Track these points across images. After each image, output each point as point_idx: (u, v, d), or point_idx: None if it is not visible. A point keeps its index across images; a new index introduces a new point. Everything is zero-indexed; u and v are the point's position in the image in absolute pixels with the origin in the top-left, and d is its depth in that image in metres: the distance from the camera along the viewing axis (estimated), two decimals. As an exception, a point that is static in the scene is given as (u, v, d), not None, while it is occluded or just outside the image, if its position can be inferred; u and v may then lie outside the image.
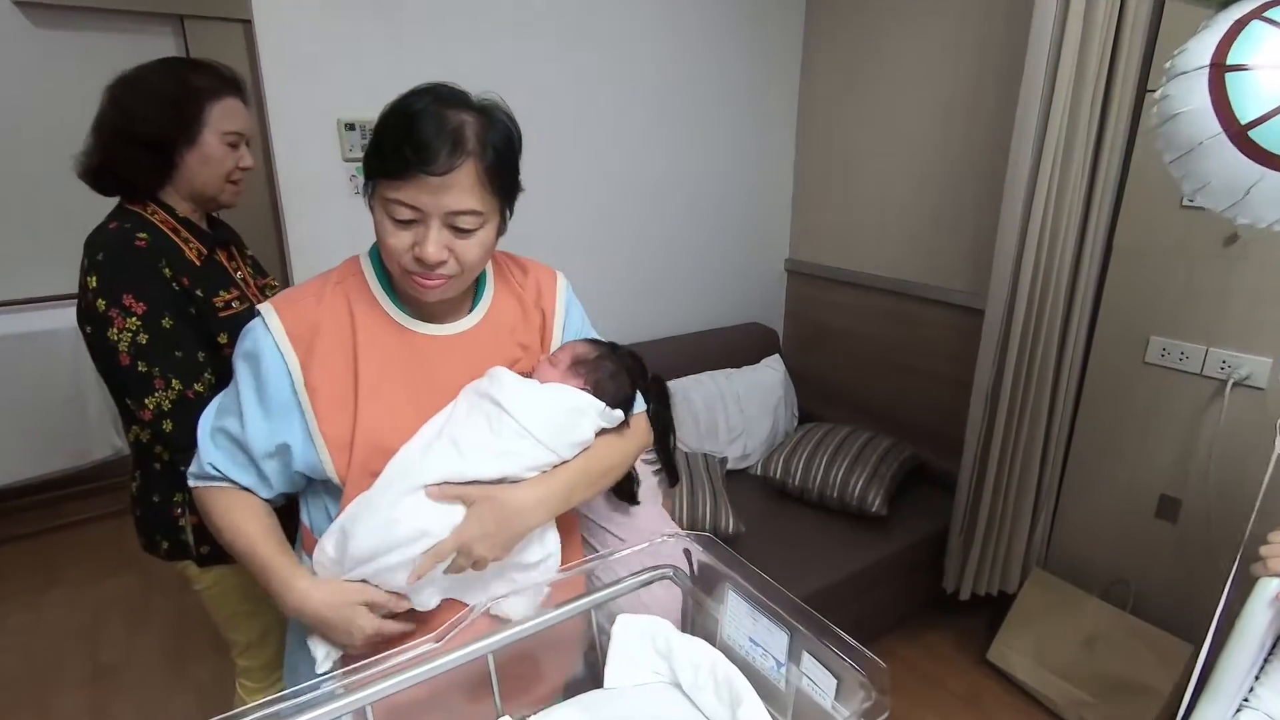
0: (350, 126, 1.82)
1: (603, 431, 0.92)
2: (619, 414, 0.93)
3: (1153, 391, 1.75)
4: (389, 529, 0.80)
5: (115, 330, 1.03)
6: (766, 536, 2.02)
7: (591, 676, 0.89)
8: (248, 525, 0.87)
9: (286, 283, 1.61)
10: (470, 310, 0.93)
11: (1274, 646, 1.05)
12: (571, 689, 0.90)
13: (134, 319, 1.04)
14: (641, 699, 0.84)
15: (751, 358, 2.59)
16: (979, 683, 1.96)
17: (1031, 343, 1.80)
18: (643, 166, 2.38)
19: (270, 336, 0.83)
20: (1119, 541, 1.87)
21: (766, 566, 1.93)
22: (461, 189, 0.79)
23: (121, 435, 2.80)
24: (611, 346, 1.00)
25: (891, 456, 2.16)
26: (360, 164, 1.83)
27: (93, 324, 1.06)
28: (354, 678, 0.72)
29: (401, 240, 0.80)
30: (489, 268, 0.97)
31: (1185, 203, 1.65)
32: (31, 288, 2.55)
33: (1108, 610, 1.84)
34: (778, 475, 2.19)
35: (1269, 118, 0.59)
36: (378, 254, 0.89)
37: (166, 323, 1.05)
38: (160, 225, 1.12)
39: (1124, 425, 1.82)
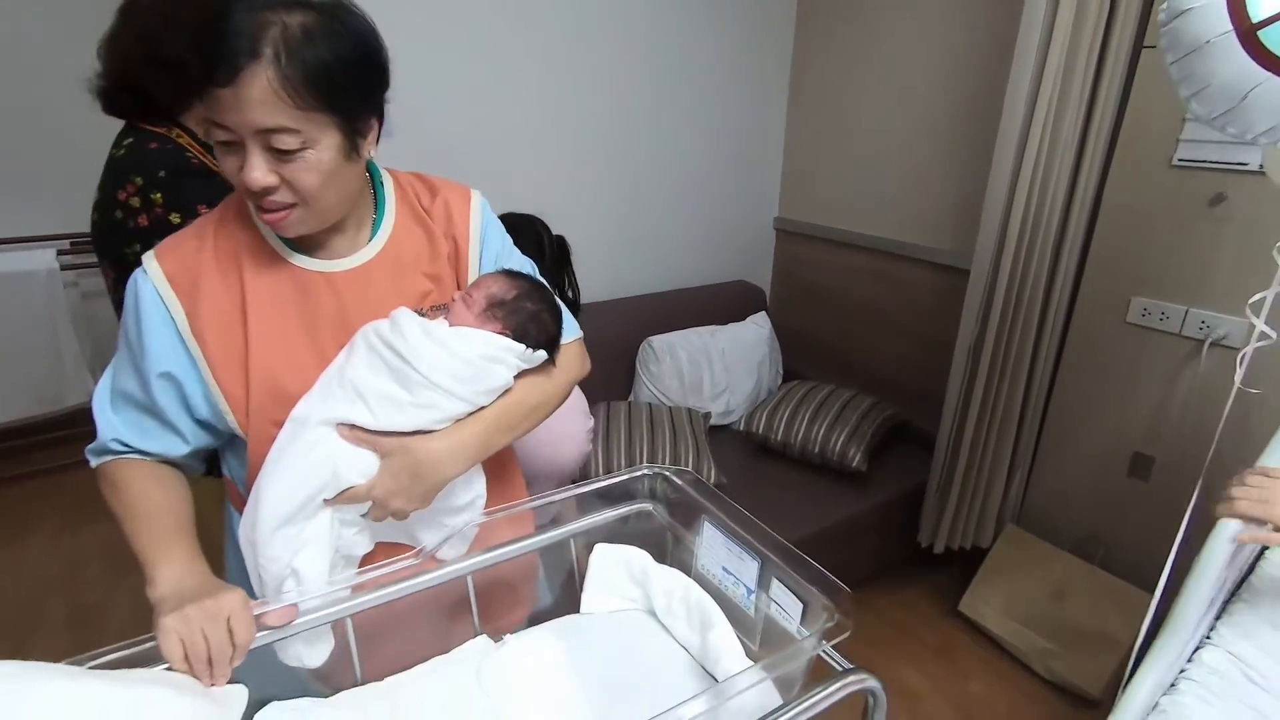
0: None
1: (525, 372, 0.86)
2: (541, 354, 0.86)
3: (1132, 351, 1.76)
4: (297, 476, 0.75)
5: None
6: (746, 489, 2.03)
7: (570, 603, 0.90)
8: (139, 501, 0.78)
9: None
10: (369, 242, 0.85)
11: (1236, 589, 1.08)
12: (545, 616, 0.90)
13: None
14: (615, 624, 0.85)
15: (738, 315, 2.58)
16: (950, 634, 2.01)
17: (1015, 301, 1.81)
18: (633, 122, 2.34)
19: (150, 285, 0.77)
20: (1092, 499, 1.90)
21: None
22: (262, 103, 0.68)
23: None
24: (532, 281, 0.90)
25: (873, 415, 2.18)
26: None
27: (160, 236, 1.01)
28: (334, 588, 0.72)
29: (230, 165, 0.72)
30: (390, 191, 0.88)
31: (1175, 162, 1.64)
32: (3, 228, 2.49)
33: (1077, 565, 1.88)
34: (760, 431, 2.20)
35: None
36: None
37: None
38: (187, 148, 1.09)
39: (1102, 385, 1.84)
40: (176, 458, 0.82)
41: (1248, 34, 0.58)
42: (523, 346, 0.83)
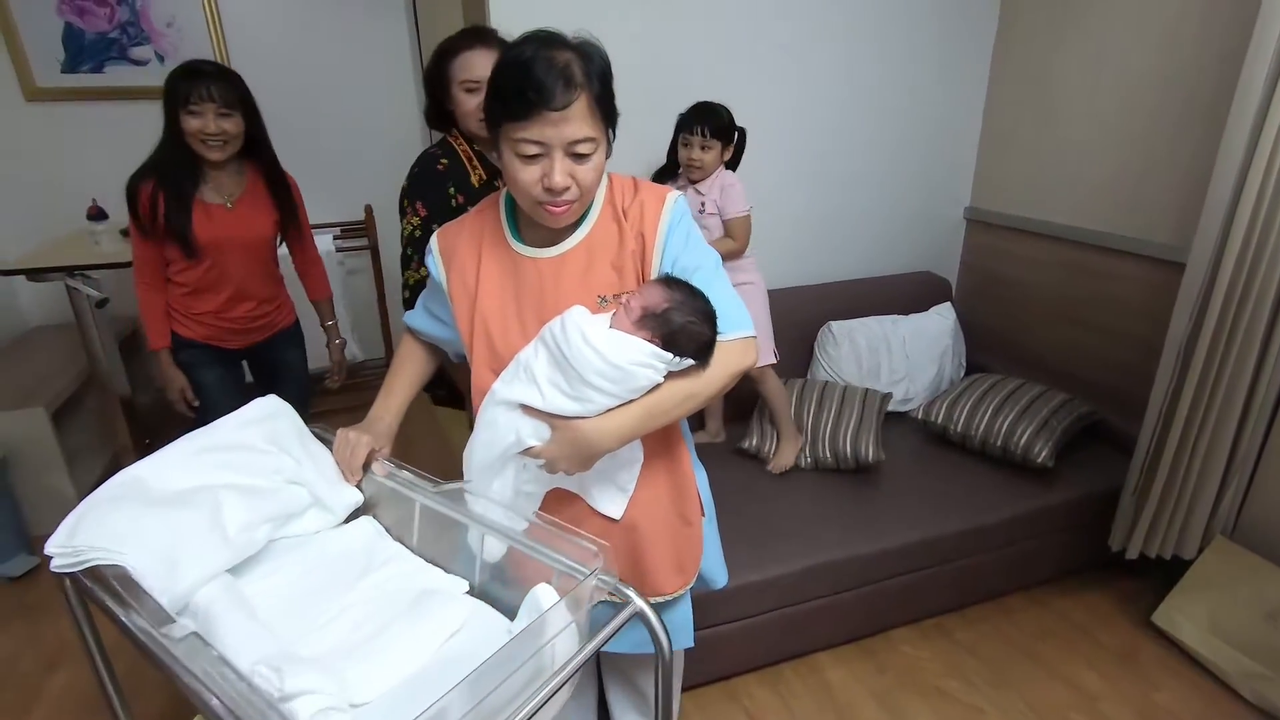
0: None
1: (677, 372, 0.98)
2: (688, 361, 0.97)
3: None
4: (492, 430, 1.00)
5: (404, 222, 1.46)
6: (915, 473, 2.09)
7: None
8: (399, 366, 1.23)
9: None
10: (572, 234, 1.05)
11: None
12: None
13: (417, 218, 1.45)
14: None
15: (922, 305, 2.58)
16: (1137, 642, 1.92)
17: (1240, 300, 1.69)
18: (823, 110, 2.41)
19: (432, 253, 1.12)
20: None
21: (914, 502, 2.03)
22: (578, 119, 0.91)
23: (360, 345, 3.36)
24: (687, 291, 0.99)
25: (1064, 411, 2.12)
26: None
27: (400, 213, 1.49)
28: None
29: (531, 174, 0.93)
30: (602, 190, 1.06)
31: None
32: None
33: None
34: (939, 420, 2.22)
35: None
36: (509, 192, 1.07)
37: (435, 227, 1.35)
38: (459, 151, 1.50)
39: (1346, 393, 1.66)
40: (443, 339, 1.22)
41: None
42: (670, 355, 0.95)
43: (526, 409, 0.97)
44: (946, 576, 1.93)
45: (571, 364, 0.93)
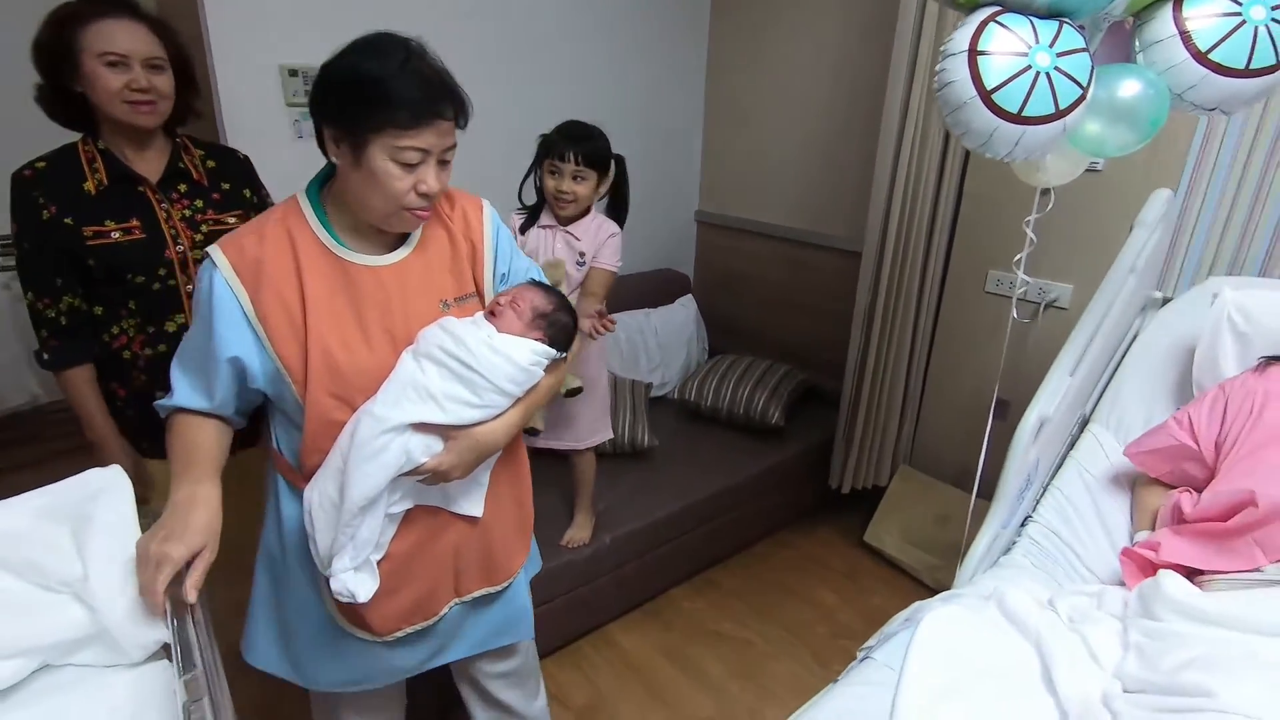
0: (293, 73, 1.92)
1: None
2: (563, 356, 1.09)
3: (990, 315, 2.16)
4: (381, 456, 0.94)
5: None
6: (681, 449, 2.34)
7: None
8: (181, 445, 0.97)
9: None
10: (404, 242, 1.03)
11: (1051, 479, 1.44)
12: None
13: (12, 237, 1.23)
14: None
15: (667, 299, 2.87)
16: (857, 561, 2.37)
17: (899, 278, 2.17)
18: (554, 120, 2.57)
19: (219, 273, 0.94)
20: (965, 438, 2.30)
21: (679, 474, 2.26)
22: (452, 128, 0.95)
23: (40, 383, 2.77)
24: (560, 295, 1.10)
25: (788, 379, 2.52)
26: (306, 109, 1.96)
27: None
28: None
29: (406, 182, 0.92)
30: None
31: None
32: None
33: (956, 494, 2.27)
34: (692, 398, 2.50)
35: (1002, 86, 0.90)
36: (315, 193, 1.01)
37: (26, 245, 1.21)
38: (81, 153, 1.24)
39: (969, 343, 2.23)
40: (224, 415, 1.01)
41: (985, 97, 0.90)
42: (554, 351, 1.05)
43: (421, 427, 0.95)
44: (710, 534, 2.20)
45: (481, 373, 0.97)
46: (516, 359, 1.00)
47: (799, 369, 2.61)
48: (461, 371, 0.96)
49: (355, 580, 0.98)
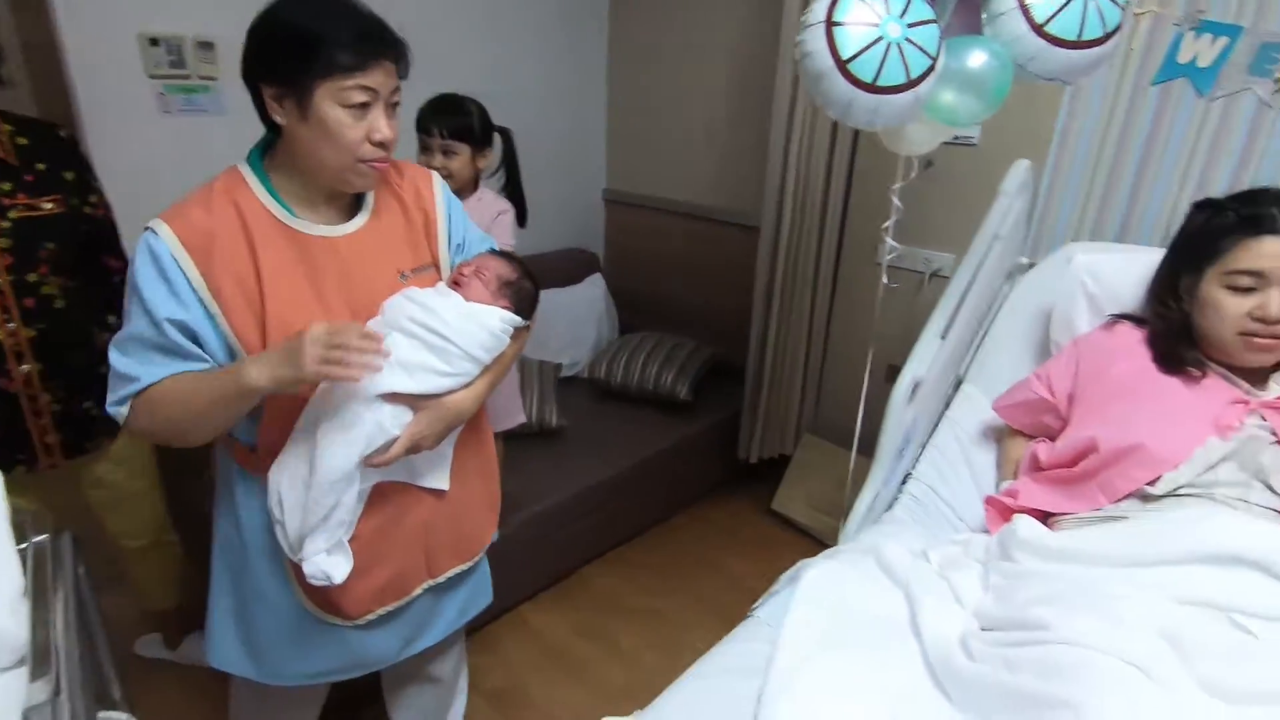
0: (154, 42, 1.78)
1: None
2: (528, 324, 1.10)
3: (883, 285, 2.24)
4: (355, 445, 0.92)
5: None
6: (590, 428, 2.34)
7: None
8: (185, 388, 0.89)
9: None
10: (358, 211, 1.01)
11: (929, 439, 1.52)
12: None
13: None
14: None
15: (575, 278, 2.85)
16: (766, 528, 2.44)
17: (796, 252, 2.23)
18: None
19: (164, 245, 0.87)
20: (864, 405, 2.39)
21: (588, 453, 2.26)
22: (395, 70, 0.92)
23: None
24: (524, 263, 1.11)
25: (696, 355, 2.55)
26: (170, 81, 1.84)
27: None
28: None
29: (358, 131, 0.89)
30: None
31: (900, 135, 2.11)
32: None
33: (859, 459, 2.36)
34: (602, 376, 2.50)
35: (857, 57, 0.93)
36: (258, 162, 0.95)
37: None
38: None
39: (865, 313, 2.31)
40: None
41: (842, 67, 0.94)
42: (520, 319, 1.06)
43: (391, 397, 0.94)
44: (621, 511, 2.22)
45: (454, 342, 0.96)
46: (489, 326, 1.01)
47: (708, 345, 2.64)
48: (434, 341, 0.95)
49: (330, 562, 0.96)
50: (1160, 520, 0.99)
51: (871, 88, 0.94)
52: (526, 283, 1.09)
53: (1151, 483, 1.03)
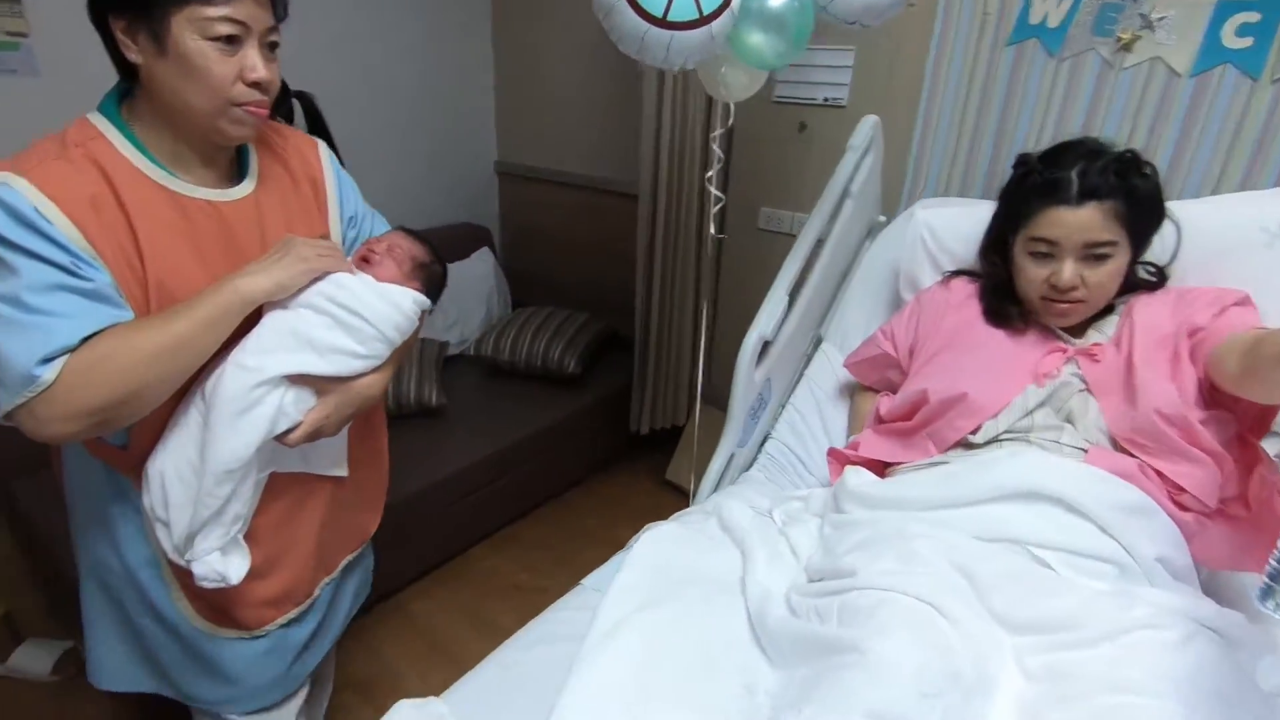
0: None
1: None
2: (432, 307, 1.06)
3: (765, 250, 2.24)
4: (254, 412, 0.84)
5: None
6: (475, 406, 2.27)
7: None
8: (138, 330, 0.76)
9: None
10: (239, 174, 0.91)
11: (788, 399, 1.52)
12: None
13: None
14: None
15: (465, 254, 2.75)
16: (660, 498, 2.43)
17: (676, 219, 2.19)
18: (347, 74, 2.40)
19: (24, 200, 0.72)
20: (752, 372, 2.40)
21: (472, 430, 2.18)
22: (270, 6, 0.81)
23: None
24: (432, 244, 1.07)
25: (587, 328, 2.50)
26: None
27: None
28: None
29: (227, 67, 0.78)
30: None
31: (774, 98, 2.10)
32: None
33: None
34: (489, 353, 2.42)
35: None
36: (115, 113, 0.82)
37: None
38: None
39: (751, 279, 2.31)
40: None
41: (631, 0, 0.90)
42: (429, 301, 1.03)
43: (298, 379, 0.88)
44: (508, 489, 2.16)
45: (370, 322, 0.92)
46: (403, 307, 0.97)
47: (599, 317, 2.60)
48: (349, 320, 0.90)
49: (224, 561, 0.89)
50: (972, 463, 1.00)
51: (663, 23, 0.91)
52: (437, 266, 1.06)
53: (974, 431, 1.04)
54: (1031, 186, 1.07)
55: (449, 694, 0.85)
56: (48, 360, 0.71)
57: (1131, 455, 0.94)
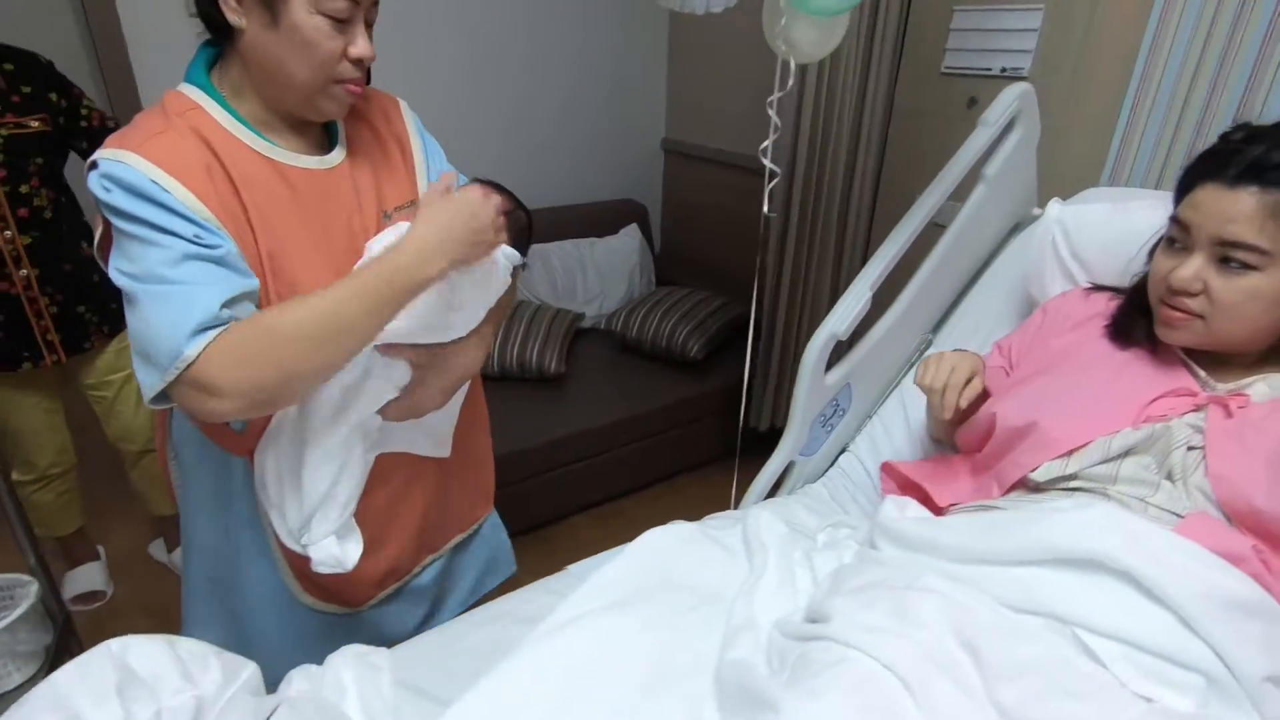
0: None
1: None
2: (524, 261, 0.96)
3: (921, 236, 1.97)
4: (341, 392, 0.82)
5: None
6: (593, 378, 2.30)
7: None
8: (293, 307, 0.73)
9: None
10: (332, 139, 0.88)
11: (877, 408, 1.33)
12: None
13: None
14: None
15: (612, 230, 2.79)
16: (774, 500, 2.29)
17: (814, 199, 2.01)
18: (516, 51, 2.53)
19: (140, 175, 0.71)
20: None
21: (583, 401, 2.19)
22: None
23: None
24: (510, 192, 0.95)
25: (721, 312, 2.42)
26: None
27: None
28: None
29: (336, 44, 0.77)
30: None
31: (943, 69, 1.83)
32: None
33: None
34: (618, 329, 2.44)
35: None
36: (207, 82, 0.80)
37: None
38: None
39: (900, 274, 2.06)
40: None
41: None
42: (519, 255, 0.94)
43: (388, 348, 0.84)
44: (615, 463, 2.17)
45: (460, 282, 0.85)
46: (503, 264, 0.90)
47: (737, 303, 2.49)
48: (463, 281, 0.86)
49: (340, 547, 0.85)
50: (1025, 511, 0.79)
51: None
52: (520, 212, 0.95)
53: (1035, 469, 0.83)
54: (1198, 158, 0.81)
55: (393, 651, 0.86)
56: (197, 333, 0.69)
57: (1245, 534, 0.68)
